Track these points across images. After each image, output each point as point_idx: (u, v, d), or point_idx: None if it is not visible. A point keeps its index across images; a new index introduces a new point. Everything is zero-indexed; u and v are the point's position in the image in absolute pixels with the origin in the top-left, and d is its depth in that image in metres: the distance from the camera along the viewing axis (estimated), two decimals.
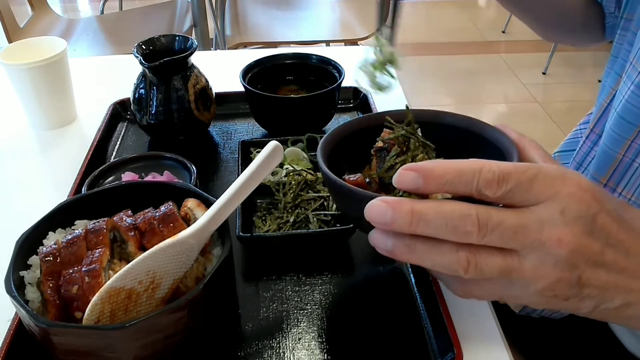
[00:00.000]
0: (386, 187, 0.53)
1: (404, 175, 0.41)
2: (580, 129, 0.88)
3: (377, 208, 0.41)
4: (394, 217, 0.40)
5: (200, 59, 0.90)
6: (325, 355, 0.56)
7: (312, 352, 0.56)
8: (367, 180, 0.55)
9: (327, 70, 0.91)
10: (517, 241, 0.40)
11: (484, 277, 0.42)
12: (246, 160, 0.74)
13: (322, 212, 0.69)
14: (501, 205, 0.42)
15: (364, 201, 0.42)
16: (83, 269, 0.50)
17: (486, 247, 0.41)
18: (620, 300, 0.43)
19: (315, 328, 0.59)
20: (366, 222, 0.42)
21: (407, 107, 0.57)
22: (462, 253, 0.41)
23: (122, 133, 0.93)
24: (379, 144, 0.56)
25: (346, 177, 0.56)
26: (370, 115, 0.63)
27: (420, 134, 0.55)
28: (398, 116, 0.57)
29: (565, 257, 0.40)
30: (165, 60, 0.80)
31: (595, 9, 0.80)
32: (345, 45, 2.20)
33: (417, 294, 0.62)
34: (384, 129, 0.56)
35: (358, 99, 0.98)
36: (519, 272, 0.41)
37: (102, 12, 2.62)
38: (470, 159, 0.41)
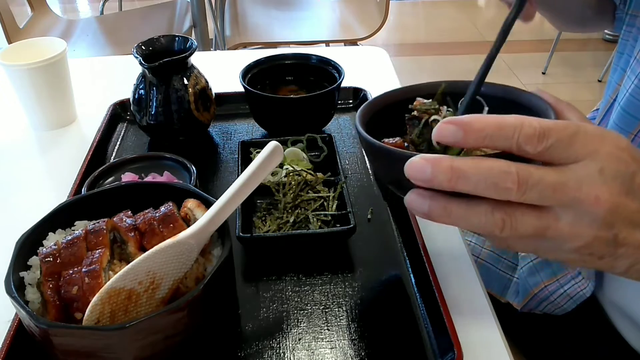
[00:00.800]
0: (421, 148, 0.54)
1: (444, 128, 0.41)
2: None
3: (417, 164, 0.41)
4: (434, 172, 0.40)
5: (199, 60, 0.90)
6: (326, 355, 0.56)
7: (313, 352, 0.56)
8: (406, 144, 0.56)
9: (327, 70, 0.91)
10: (555, 199, 0.40)
11: (519, 235, 0.42)
12: (246, 161, 0.74)
13: (322, 213, 0.69)
14: (540, 163, 0.42)
15: (404, 160, 0.42)
16: (83, 269, 0.50)
17: (522, 207, 0.41)
18: None
19: (315, 328, 0.59)
20: (405, 184, 0.43)
21: (442, 83, 0.58)
22: (497, 214, 0.41)
23: (122, 134, 0.93)
24: (414, 113, 0.57)
25: (385, 140, 0.56)
26: (404, 88, 0.63)
27: (451, 105, 0.56)
28: (432, 88, 0.58)
29: (602, 216, 0.40)
30: (165, 61, 0.80)
31: (607, 1, 0.80)
32: (345, 45, 2.20)
33: (417, 294, 0.62)
34: (417, 99, 0.57)
35: (358, 99, 0.98)
36: (555, 230, 0.41)
37: (101, 13, 2.62)
38: (510, 115, 0.40)
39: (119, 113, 0.96)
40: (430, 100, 0.57)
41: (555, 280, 0.79)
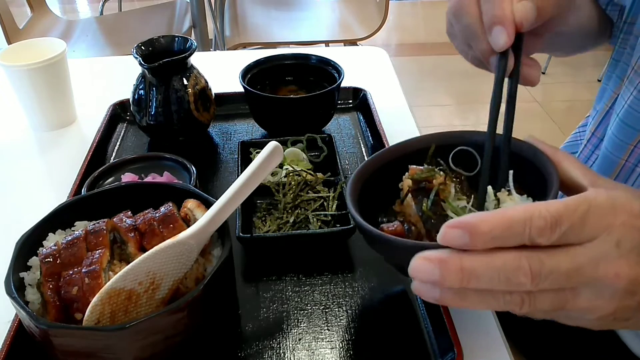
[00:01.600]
0: (428, 225, 0.53)
1: (449, 233, 0.38)
2: (579, 132, 0.88)
3: (423, 267, 0.39)
4: (443, 275, 0.38)
5: (199, 60, 0.90)
6: (326, 355, 0.56)
7: (313, 352, 0.56)
8: (406, 227, 0.54)
9: (327, 70, 0.91)
10: (571, 282, 0.39)
11: (538, 310, 0.41)
12: (246, 161, 0.74)
13: (322, 213, 0.69)
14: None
15: (405, 250, 0.42)
16: (83, 270, 0.50)
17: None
18: None
19: (315, 328, 0.59)
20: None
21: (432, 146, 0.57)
22: (515, 295, 0.39)
23: (122, 134, 0.93)
24: (407, 182, 0.56)
25: (384, 226, 0.55)
26: (390, 150, 0.61)
27: (450, 165, 0.56)
28: (418, 144, 0.58)
29: (623, 288, 0.39)
30: (165, 61, 0.80)
31: (606, 20, 0.80)
32: (344, 45, 2.20)
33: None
34: (410, 167, 0.56)
35: (357, 99, 0.98)
36: (574, 305, 0.40)
37: (101, 13, 2.62)
38: (515, 208, 0.38)
39: (118, 113, 0.96)
40: (424, 166, 0.56)
41: None
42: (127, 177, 0.74)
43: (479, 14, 0.53)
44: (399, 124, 0.91)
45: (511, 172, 0.51)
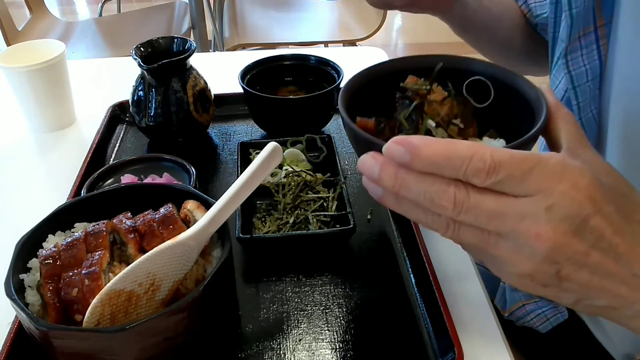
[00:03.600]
0: (402, 134, 0.54)
1: (393, 148, 0.40)
2: None
3: (368, 163, 0.42)
4: (380, 175, 0.41)
5: (198, 61, 0.90)
6: (326, 356, 0.56)
7: (313, 353, 0.56)
8: (382, 126, 0.55)
9: (326, 71, 0.91)
10: (491, 225, 0.39)
11: (463, 243, 0.42)
12: (245, 162, 0.74)
13: (322, 213, 0.69)
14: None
15: (358, 141, 0.47)
16: (83, 271, 0.50)
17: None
18: (605, 302, 0.41)
19: (315, 329, 0.59)
20: None
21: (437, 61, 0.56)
22: (443, 218, 0.41)
23: (121, 135, 0.93)
24: (407, 93, 0.56)
25: (359, 119, 0.55)
26: (395, 61, 0.61)
27: (449, 88, 0.55)
28: (428, 62, 0.56)
29: (543, 252, 0.39)
30: (164, 62, 0.80)
31: (540, 45, 0.81)
32: (343, 46, 2.20)
33: (418, 294, 0.62)
34: (409, 76, 0.56)
35: None
36: (494, 251, 0.40)
37: (100, 15, 2.62)
38: (464, 142, 0.39)
39: (118, 115, 0.96)
40: (422, 79, 0.55)
41: (533, 302, 0.79)
42: (127, 179, 0.74)
43: None
44: None
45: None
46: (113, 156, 0.88)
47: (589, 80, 0.66)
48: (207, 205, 0.56)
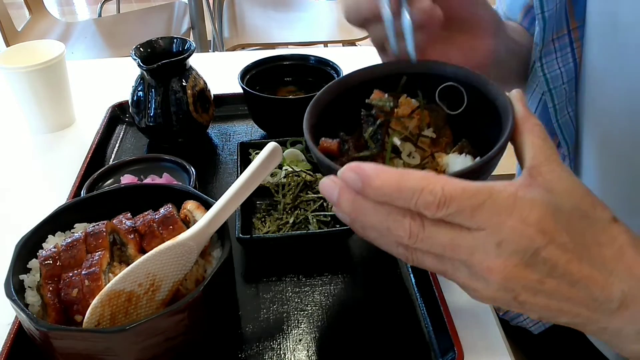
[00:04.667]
0: (368, 152, 0.52)
1: (347, 174, 0.41)
2: None
3: (328, 187, 0.42)
4: (339, 200, 0.41)
5: (198, 61, 0.90)
6: (326, 356, 0.56)
7: (313, 353, 0.56)
8: (345, 147, 0.53)
9: (325, 71, 0.91)
10: (447, 254, 0.40)
11: (425, 267, 0.42)
12: (245, 162, 0.74)
13: (322, 213, 0.69)
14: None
15: (322, 166, 0.46)
16: (83, 272, 0.50)
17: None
18: (567, 320, 0.42)
19: (315, 329, 0.59)
20: None
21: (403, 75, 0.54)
22: (401, 248, 0.42)
23: (121, 136, 0.93)
24: (372, 111, 0.54)
25: (323, 140, 0.53)
26: (367, 69, 0.58)
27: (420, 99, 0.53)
28: (395, 68, 0.54)
29: (496, 282, 0.39)
30: (163, 63, 0.80)
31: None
32: (343, 46, 2.20)
33: (418, 294, 0.62)
34: (375, 90, 0.54)
35: None
36: (453, 277, 0.41)
37: (99, 15, 2.62)
38: (415, 173, 0.39)
39: (117, 115, 0.96)
40: (387, 95, 0.53)
41: None
42: (127, 179, 0.74)
43: None
44: None
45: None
46: (113, 157, 0.88)
47: (564, 83, 0.66)
48: (207, 206, 0.56)
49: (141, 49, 0.85)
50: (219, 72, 1.04)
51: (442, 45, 0.55)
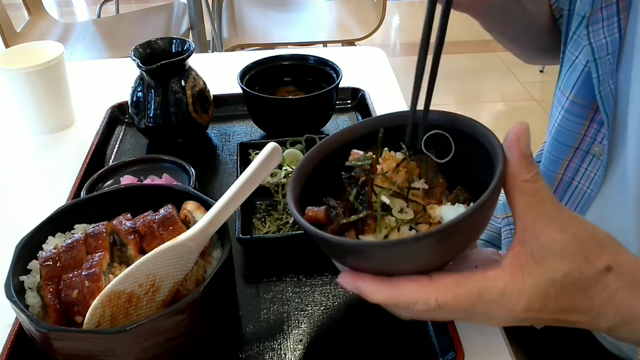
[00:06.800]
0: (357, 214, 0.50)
1: (345, 285, 0.47)
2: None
3: (346, 284, 0.48)
4: (359, 292, 0.47)
5: (197, 62, 0.90)
6: (327, 356, 0.56)
7: (314, 353, 0.56)
8: (333, 212, 0.51)
9: (325, 71, 0.91)
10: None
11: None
12: (245, 162, 0.74)
13: None
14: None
15: (312, 237, 0.47)
16: (83, 273, 0.50)
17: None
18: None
19: (316, 329, 0.59)
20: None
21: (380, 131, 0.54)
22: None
23: (121, 136, 0.93)
24: (352, 172, 0.53)
25: (309, 209, 0.51)
26: (346, 130, 0.57)
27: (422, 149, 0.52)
28: (376, 124, 0.54)
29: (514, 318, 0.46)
30: (163, 63, 0.80)
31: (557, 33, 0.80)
32: (342, 46, 2.20)
33: None
34: (352, 151, 0.53)
35: (356, 99, 0.98)
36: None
37: (98, 16, 2.62)
38: (411, 284, 0.44)
39: (117, 116, 0.96)
40: (363, 153, 0.52)
41: None
42: (126, 180, 0.74)
43: None
44: None
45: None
46: (112, 157, 0.88)
47: (609, 53, 0.65)
48: (207, 206, 0.56)
49: (140, 49, 0.85)
50: (219, 72, 1.04)
51: None
